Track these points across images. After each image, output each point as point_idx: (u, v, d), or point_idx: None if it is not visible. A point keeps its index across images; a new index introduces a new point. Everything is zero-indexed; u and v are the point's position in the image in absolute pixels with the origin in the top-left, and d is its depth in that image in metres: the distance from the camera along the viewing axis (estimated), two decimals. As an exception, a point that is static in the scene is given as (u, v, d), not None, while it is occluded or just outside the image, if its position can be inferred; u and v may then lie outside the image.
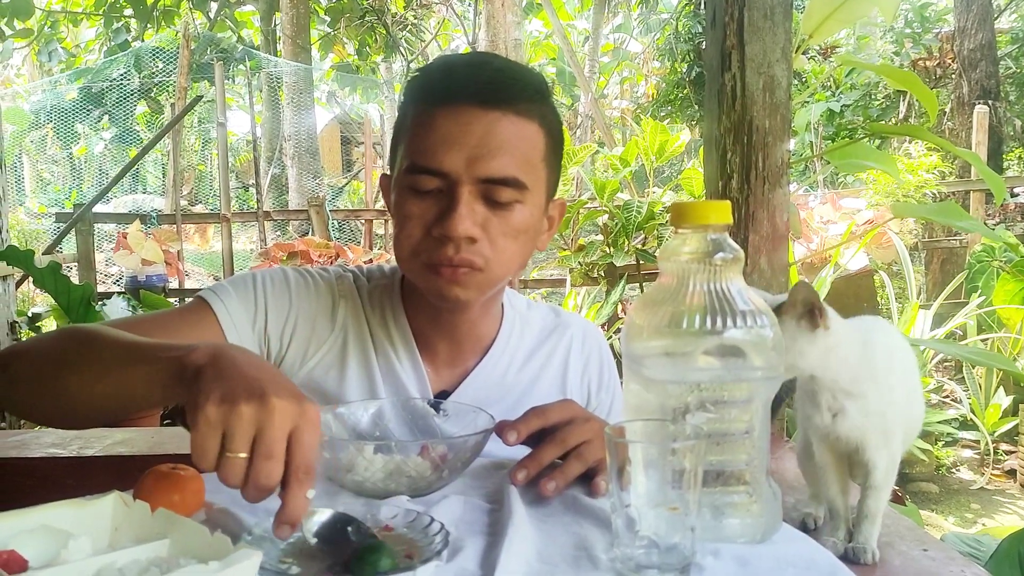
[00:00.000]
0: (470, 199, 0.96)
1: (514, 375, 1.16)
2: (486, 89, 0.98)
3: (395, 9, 14.40)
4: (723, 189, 1.71)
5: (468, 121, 0.96)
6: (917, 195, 5.90)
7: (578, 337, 1.22)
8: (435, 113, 0.98)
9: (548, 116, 1.03)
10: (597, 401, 1.22)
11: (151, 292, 5.14)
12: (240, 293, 1.08)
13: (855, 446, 0.95)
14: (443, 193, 0.97)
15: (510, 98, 0.98)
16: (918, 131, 2.11)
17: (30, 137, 14.89)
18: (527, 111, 0.99)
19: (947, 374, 4.94)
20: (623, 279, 4.67)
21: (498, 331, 1.16)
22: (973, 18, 8.06)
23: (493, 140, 0.96)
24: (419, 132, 0.99)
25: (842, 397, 0.92)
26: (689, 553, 0.71)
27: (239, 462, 0.68)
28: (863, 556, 0.95)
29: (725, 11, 1.68)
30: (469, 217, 0.96)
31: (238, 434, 0.67)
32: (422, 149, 0.98)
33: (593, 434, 0.91)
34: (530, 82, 1.02)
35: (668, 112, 10.76)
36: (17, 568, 0.61)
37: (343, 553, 0.70)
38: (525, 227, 1.01)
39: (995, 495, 3.92)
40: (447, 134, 0.96)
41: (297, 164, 12.27)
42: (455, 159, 0.96)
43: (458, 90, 0.98)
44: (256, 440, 0.68)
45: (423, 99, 1.01)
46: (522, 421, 0.92)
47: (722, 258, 0.79)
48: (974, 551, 1.64)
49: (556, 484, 0.88)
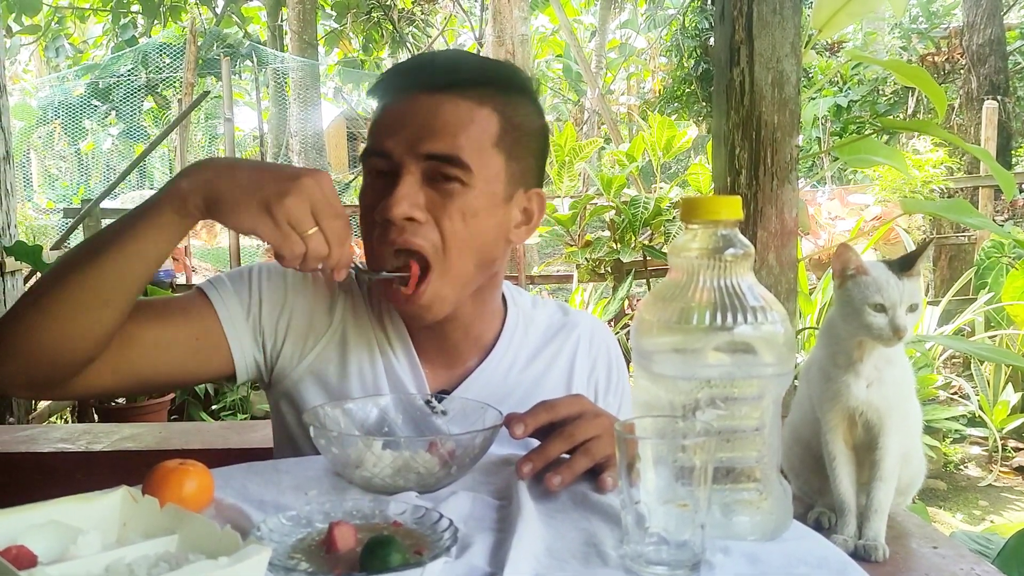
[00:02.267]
0: (412, 179, 0.97)
1: (516, 375, 1.14)
2: (436, 75, 1.01)
3: (401, 4, 14.38)
4: (731, 185, 1.71)
5: (414, 104, 0.99)
6: (925, 191, 5.87)
7: (585, 337, 1.20)
8: (388, 102, 1.02)
9: (511, 105, 1.03)
10: (604, 404, 1.19)
11: (158, 287, 5.14)
12: (236, 286, 1.09)
13: (877, 424, 0.96)
14: (391, 177, 0.99)
15: (457, 82, 1.00)
16: (927, 126, 2.10)
17: (38, 133, 14.93)
18: (478, 95, 1.00)
19: (955, 370, 4.92)
20: (630, 275, 4.66)
21: (500, 330, 1.15)
22: (982, 13, 8.02)
23: (436, 120, 0.98)
24: (374, 121, 1.03)
25: (883, 364, 0.94)
26: (699, 550, 0.70)
27: (317, 235, 0.87)
28: (874, 553, 0.95)
29: (734, 6, 1.68)
30: (408, 197, 0.96)
31: (302, 219, 0.86)
32: (373, 133, 1.02)
33: (602, 430, 0.91)
34: (489, 71, 1.04)
35: (675, 108, 10.72)
36: (26, 563, 0.61)
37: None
38: (473, 210, 0.99)
39: (1003, 492, 3.90)
40: (395, 118, 1.00)
41: (303, 160, 12.29)
42: (398, 140, 0.98)
43: (410, 78, 1.01)
44: (314, 214, 0.86)
45: (382, 92, 1.04)
46: (530, 415, 0.91)
47: (732, 254, 0.78)
48: (983, 548, 1.63)
49: (562, 479, 0.87)
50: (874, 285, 0.94)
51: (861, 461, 1.01)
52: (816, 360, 1.03)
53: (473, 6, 13.83)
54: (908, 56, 10.49)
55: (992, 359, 3.97)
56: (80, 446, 1.73)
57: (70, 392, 0.98)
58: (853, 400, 0.97)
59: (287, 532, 0.76)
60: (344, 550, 0.71)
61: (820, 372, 1.01)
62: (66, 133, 14.61)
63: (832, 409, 0.99)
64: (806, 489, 1.11)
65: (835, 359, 0.99)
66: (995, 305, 4.51)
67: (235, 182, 0.87)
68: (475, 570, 0.71)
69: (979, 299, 4.58)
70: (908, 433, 1.02)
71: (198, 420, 4.24)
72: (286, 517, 0.78)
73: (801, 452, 1.09)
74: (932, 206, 2.71)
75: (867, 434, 0.99)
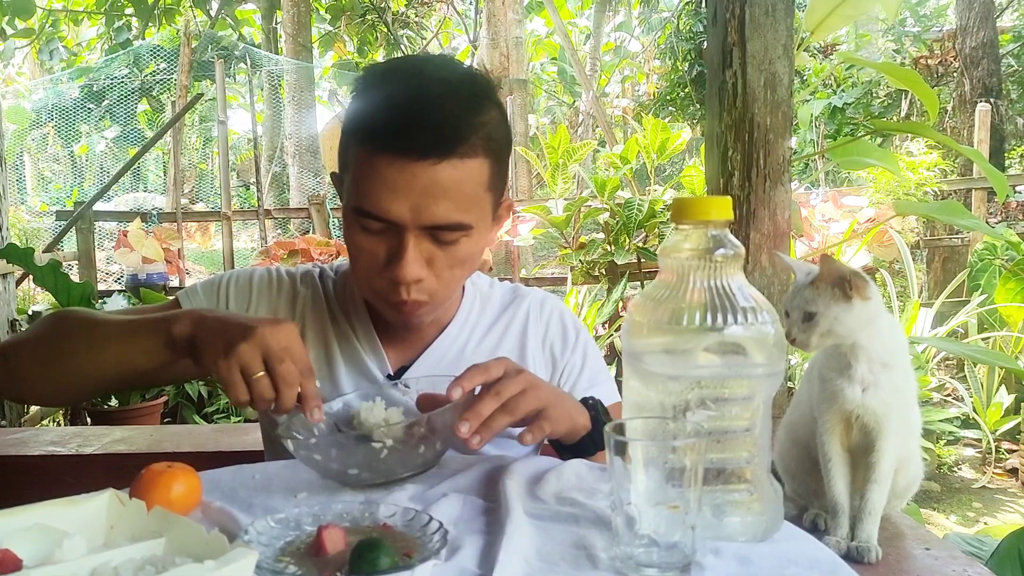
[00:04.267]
0: (416, 243, 1.01)
1: (473, 348, 1.20)
2: (428, 139, 0.97)
3: (396, 7, 14.38)
4: (724, 186, 1.71)
5: (411, 172, 0.97)
6: (918, 193, 5.88)
7: (536, 306, 1.26)
8: (377, 160, 0.98)
9: (491, 135, 1.02)
10: (564, 362, 1.24)
11: (151, 290, 5.13)
12: (206, 293, 1.21)
13: (874, 428, 0.96)
14: (390, 232, 1.01)
15: (452, 144, 0.97)
16: (921, 128, 2.10)
17: (32, 136, 14.89)
18: (471, 150, 0.99)
19: (949, 372, 4.93)
20: (624, 277, 4.66)
21: (457, 309, 1.22)
22: (975, 16, 8.05)
23: (436, 188, 0.98)
24: (363, 176, 1.00)
25: (878, 369, 0.94)
26: (690, 552, 0.70)
27: (263, 379, 0.88)
28: (867, 555, 0.95)
29: (727, 8, 1.68)
30: (416, 262, 1.01)
31: (251, 362, 0.88)
32: (367, 194, 0.99)
33: (526, 384, 0.95)
34: (478, 116, 1.00)
35: (669, 112, 10.74)
36: (11, 567, 0.61)
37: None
38: (471, 254, 1.06)
39: (997, 494, 3.91)
40: (392, 184, 0.97)
41: (298, 162, 12.26)
42: (400, 208, 0.98)
43: (400, 138, 0.97)
44: (265, 359, 0.88)
45: (365, 141, 1.00)
46: (464, 377, 0.94)
47: (723, 254, 0.78)
48: (976, 550, 1.63)
49: (481, 437, 0.91)
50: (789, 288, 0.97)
51: (856, 464, 1.01)
52: (815, 362, 1.04)
53: (468, 9, 13.83)
54: (901, 59, 10.52)
55: (985, 361, 3.97)
56: (71, 449, 1.72)
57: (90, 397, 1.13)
58: (848, 403, 0.97)
59: (276, 535, 0.75)
60: (333, 553, 0.71)
61: (818, 374, 1.01)
62: (60, 136, 14.57)
63: (828, 411, 0.99)
64: (802, 491, 1.11)
65: (829, 362, 0.99)
66: (988, 307, 4.52)
67: (207, 328, 0.93)
68: (464, 572, 0.70)
69: (972, 301, 4.59)
70: (907, 438, 1.02)
71: (191, 423, 4.23)
72: (275, 520, 0.77)
73: (798, 454, 1.09)
74: (925, 208, 2.72)
75: (863, 437, 0.98)
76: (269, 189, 12.07)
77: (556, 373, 1.23)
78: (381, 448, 0.88)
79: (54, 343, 1.04)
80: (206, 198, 15.03)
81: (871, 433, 0.97)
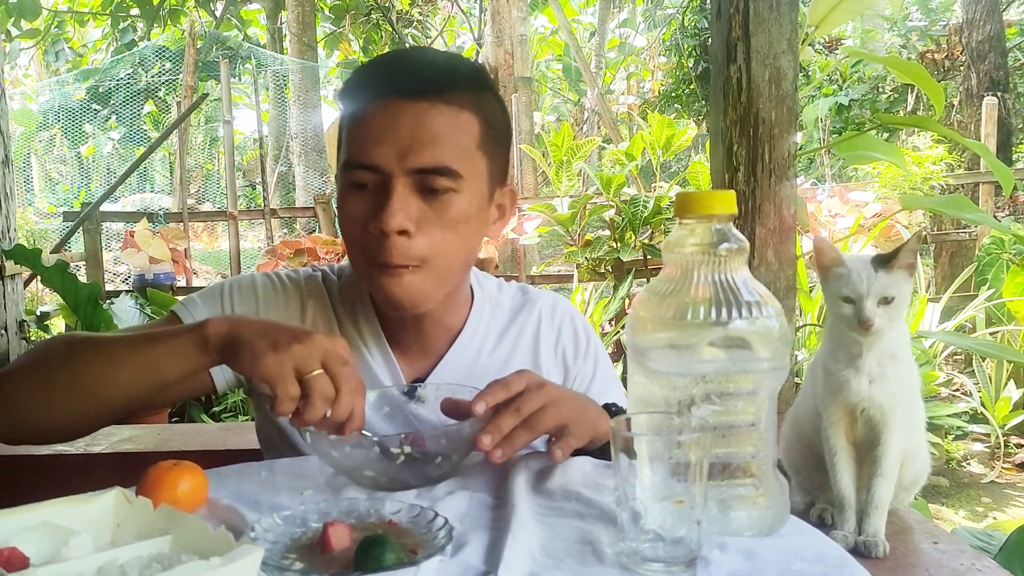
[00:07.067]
0: (404, 192, 0.98)
1: (486, 357, 1.17)
2: (413, 81, 0.99)
3: (400, 6, 14.38)
4: (729, 182, 1.70)
5: (397, 113, 0.98)
6: (925, 187, 5.86)
7: (547, 311, 1.24)
8: (365, 109, 1.00)
9: (484, 104, 1.04)
10: (577, 369, 1.22)
11: (159, 290, 5.14)
12: (207, 304, 1.13)
13: (879, 421, 0.96)
14: (379, 188, 0.99)
15: (438, 88, 0.99)
16: (927, 122, 2.09)
17: (38, 137, 14.95)
18: (457, 100, 1.00)
19: (957, 367, 4.91)
20: (630, 274, 4.66)
21: (468, 316, 1.18)
22: (981, 10, 8.00)
23: (423, 131, 0.98)
24: (352, 129, 1.01)
25: (886, 361, 0.94)
26: (695, 546, 0.70)
27: (322, 378, 0.84)
28: (875, 550, 0.94)
29: (731, 3, 1.67)
30: (402, 211, 0.98)
31: (309, 360, 0.84)
32: (355, 144, 1.01)
33: (547, 400, 0.93)
34: (461, 71, 1.04)
35: (675, 108, 10.71)
36: (18, 565, 0.61)
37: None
38: (464, 217, 1.02)
39: (1005, 488, 3.89)
40: (378, 128, 0.98)
41: (304, 162, 12.29)
42: (387, 152, 0.98)
43: (386, 83, 1.00)
44: (324, 363, 0.84)
45: (354, 96, 1.02)
46: (487, 392, 0.93)
47: (727, 248, 0.78)
48: (985, 545, 1.62)
49: (503, 452, 0.89)
50: (845, 277, 0.95)
51: (862, 457, 1.01)
52: (820, 355, 1.03)
53: (472, 7, 13.82)
54: (908, 54, 10.47)
55: (993, 355, 3.96)
56: (79, 448, 1.72)
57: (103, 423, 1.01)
58: (854, 396, 0.96)
59: (281, 532, 0.75)
60: (338, 549, 0.71)
61: (823, 367, 1.01)
62: (67, 137, 14.63)
63: (833, 404, 0.99)
64: (808, 485, 1.10)
65: (835, 354, 0.99)
66: (996, 301, 4.50)
67: (253, 328, 0.88)
68: (470, 569, 0.70)
69: (980, 295, 4.57)
70: (912, 431, 1.01)
71: (199, 422, 4.24)
72: (280, 517, 0.77)
73: (803, 448, 1.09)
74: (931, 202, 2.70)
75: (869, 430, 0.98)
76: (275, 189, 12.10)
77: (568, 380, 1.22)
78: (399, 455, 0.88)
79: (61, 362, 0.95)
80: (212, 198, 15.06)
81: (876, 426, 0.97)
